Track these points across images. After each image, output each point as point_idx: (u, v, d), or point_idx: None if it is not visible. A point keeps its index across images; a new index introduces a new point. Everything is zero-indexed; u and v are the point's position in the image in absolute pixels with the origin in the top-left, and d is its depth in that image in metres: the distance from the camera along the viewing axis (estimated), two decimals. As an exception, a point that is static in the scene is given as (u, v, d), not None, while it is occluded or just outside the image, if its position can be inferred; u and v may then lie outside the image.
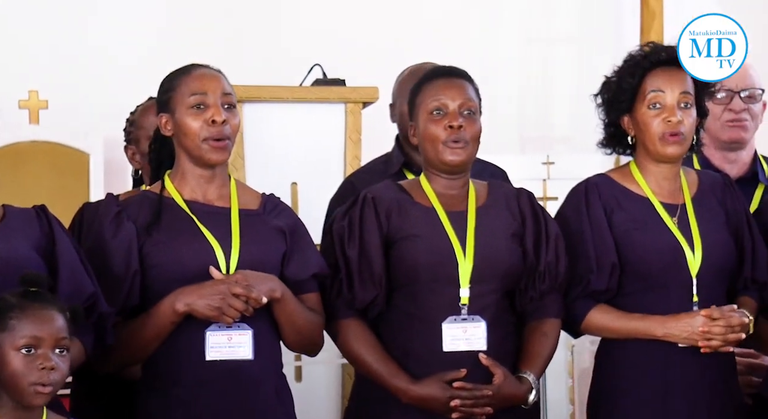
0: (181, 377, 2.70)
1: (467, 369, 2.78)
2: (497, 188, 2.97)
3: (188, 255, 2.71)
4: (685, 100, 2.91)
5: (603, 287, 2.90)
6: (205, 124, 2.74)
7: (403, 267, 2.83)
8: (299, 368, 4.05)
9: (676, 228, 2.92)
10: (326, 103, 4.17)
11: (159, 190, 2.80)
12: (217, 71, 2.82)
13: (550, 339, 2.90)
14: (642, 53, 2.96)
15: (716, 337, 2.82)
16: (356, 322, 2.85)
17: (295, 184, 4.09)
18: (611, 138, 3.02)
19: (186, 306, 2.65)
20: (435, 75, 2.92)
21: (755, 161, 3.43)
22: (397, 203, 2.87)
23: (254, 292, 2.66)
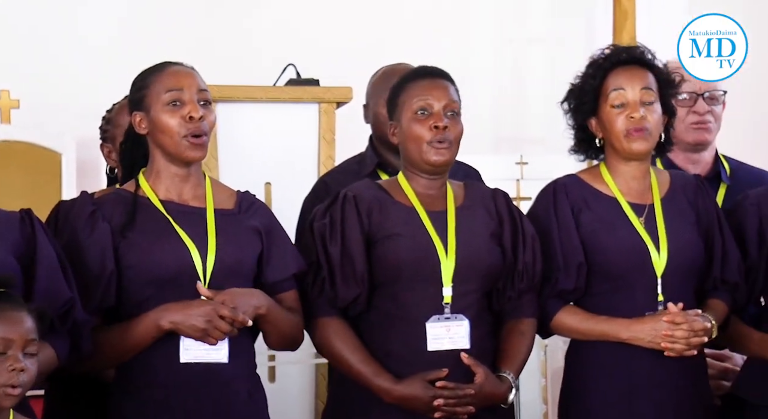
0: (154, 379, 2.69)
1: (449, 368, 2.78)
2: (474, 188, 2.98)
3: (164, 256, 2.69)
4: (647, 97, 2.93)
5: (571, 287, 2.92)
6: (183, 120, 2.72)
7: (385, 266, 2.82)
8: (272, 368, 4.04)
9: (643, 228, 2.93)
10: (300, 103, 4.16)
11: (133, 189, 2.78)
12: (191, 68, 2.81)
13: (527, 339, 2.92)
14: (603, 55, 2.98)
15: (679, 341, 2.84)
16: (337, 321, 2.84)
17: (268, 184, 4.08)
18: (581, 142, 3.04)
19: (171, 325, 2.65)
20: (418, 75, 2.92)
21: (717, 161, 3.46)
22: (378, 202, 2.87)
23: (240, 315, 2.66)
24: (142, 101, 2.77)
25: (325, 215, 2.85)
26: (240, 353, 2.73)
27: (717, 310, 2.95)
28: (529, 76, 5.98)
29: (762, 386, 2.99)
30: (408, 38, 5.46)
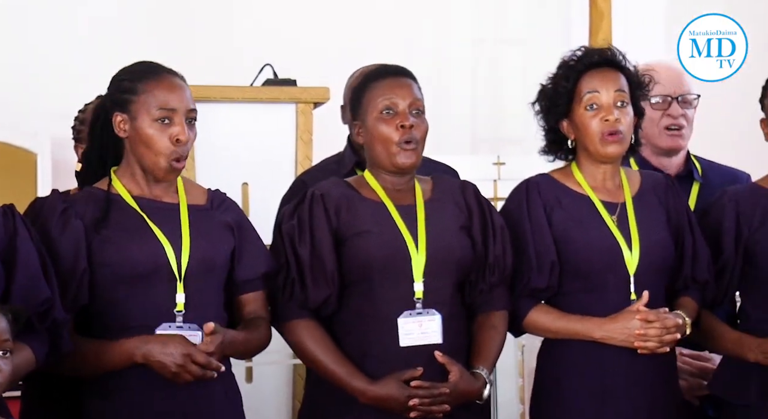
0: (129, 379, 2.68)
1: (423, 365, 2.78)
2: (442, 181, 2.98)
3: (138, 253, 2.69)
4: (621, 99, 2.95)
5: (543, 286, 2.93)
6: (170, 142, 2.71)
7: (356, 264, 2.82)
8: (250, 369, 4.04)
9: (615, 226, 2.95)
10: (277, 104, 4.16)
11: (106, 187, 2.77)
12: (182, 80, 2.78)
13: (499, 333, 2.92)
14: (575, 57, 2.99)
15: (652, 339, 2.86)
16: (310, 323, 2.84)
17: (246, 184, 4.08)
18: (552, 144, 3.05)
19: (144, 359, 2.64)
20: (381, 74, 2.92)
21: (688, 160, 3.49)
22: (346, 199, 2.86)
23: (215, 363, 2.66)
24: (127, 105, 2.74)
25: (293, 216, 2.85)
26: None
27: (688, 308, 2.97)
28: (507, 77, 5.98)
29: (738, 384, 3.01)
30: (386, 39, 5.46)
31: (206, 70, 4.48)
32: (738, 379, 3.01)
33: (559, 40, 5.67)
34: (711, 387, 3.11)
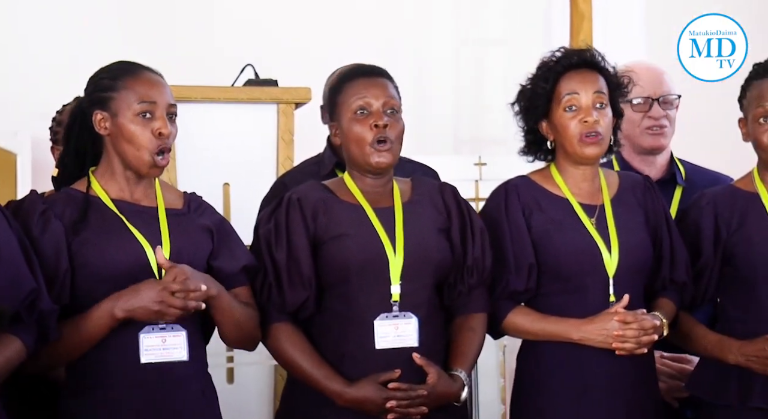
0: (106, 379, 2.68)
1: (401, 367, 2.78)
2: (421, 183, 2.98)
3: (118, 255, 2.68)
4: (600, 100, 2.95)
5: (521, 288, 2.94)
6: (152, 136, 2.71)
7: (333, 267, 2.82)
8: (231, 369, 4.02)
9: (594, 229, 2.96)
10: (258, 104, 4.15)
11: (84, 188, 2.76)
12: (161, 77, 2.79)
13: (478, 334, 2.93)
14: (554, 58, 2.99)
15: (630, 340, 2.86)
16: (288, 326, 2.84)
17: (227, 185, 4.07)
18: (531, 145, 3.05)
19: (124, 312, 2.63)
20: (355, 74, 2.92)
21: (671, 164, 3.49)
22: (323, 203, 2.86)
23: (191, 284, 2.63)
24: (108, 103, 2.74)
25: (270, 220, 2.84)
26: (194, 351, 2.72)
27: (666, 309, 2.98)
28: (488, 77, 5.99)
29: (718, 385, 3.02)
30: (367, 40, 5.46)
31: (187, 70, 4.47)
32: (718, 380, 3.02)
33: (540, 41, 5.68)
34: (690, 388, 3.12)
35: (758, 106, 3.01)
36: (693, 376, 3.13)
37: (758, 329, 2.97)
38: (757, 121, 3.02)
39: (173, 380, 2.69)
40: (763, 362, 2.93)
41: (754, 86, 3.04)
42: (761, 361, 2.93)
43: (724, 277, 3.06)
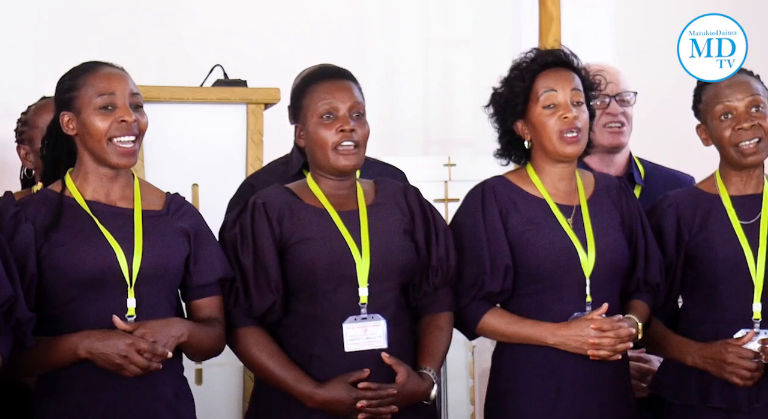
0: (78, 382, 2.66)
1: (370, 369, 2.79)
2: (384, 185, 2.98)
3: (89, 258, 2.67)
4: (577, 98, 2.97)
5: (497, 289, 2.94)
6: (115, 122, 2.70)
7: (300, 271, 2.82)
8: (200, 371, 4.01)
9: (571, 229, 2.97)
10: (227, 104, 4.14)
11: (59, 189, 2.75)
12: (122, 70, 2.79)
13: (445, 333, 2.94)
14: (528, 58, 3.01)
15: (605, 348, 2.87)
16: (255, 330, 2.83)
17: (196, 185, 4.05)
18: (507, 146, 3.06)
19: (87, 354, 2.62)
20: (321, 76, 2.92)
21: (630, 163, 3.52)
22: (288, 207, 2.86)
23: (159, 348, 2.63)
24: (71, 102, 2.74)
25: (235, 225, 2.83)
26: (166, 354, 2.71)
27: (641, 311, 3.00)
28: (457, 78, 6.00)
29: (679, 386, 3.04)
30: (336, 40, 5.45)
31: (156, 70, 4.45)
32: (679, 380, 3.05)
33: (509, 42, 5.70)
34: (654, 388, 3.14)
35: (717, 103, 3.04)
36: (656, 376, 3.16)
37: (719, 330, 3.00)
38: (718, 119, 3.05)
39: (144, 383, 2.68)
40: (719, 365, 2.95)
41: (709, 89, 3.08)
42: (717, 364, 2.95)
43: (686, 279, 3.09)
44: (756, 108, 3.02)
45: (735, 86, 3.04)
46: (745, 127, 3.00)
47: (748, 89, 3.04)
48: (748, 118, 3.01)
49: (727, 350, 2.94)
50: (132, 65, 2.85)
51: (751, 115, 3.01)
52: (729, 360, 2.93)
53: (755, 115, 3.02)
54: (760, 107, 3.03)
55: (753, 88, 3.05)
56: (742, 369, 2.92)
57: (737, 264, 3.00)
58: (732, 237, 3.02)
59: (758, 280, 2.98)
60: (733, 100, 3.02)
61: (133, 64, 2.87)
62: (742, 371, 2.93)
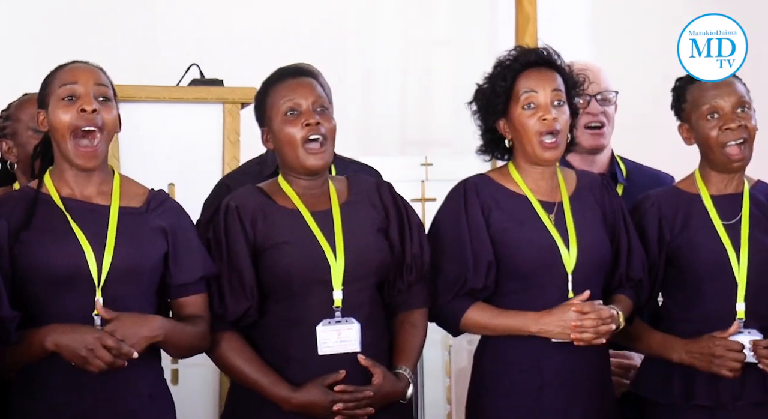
0: (55, 379, 2.65)
1: (346, 370, 2.78)
2: (357, 182, 2.97)
3: (58, 257, 2.65)
4: (557, 98, 2.97)
5: (480, 286, 2.94)
6: (76, 113, 2.67)
7: (275, 276, 2.81)
8: (176, 371, 4.00)
9: (553, 226, 2.97)
10: (204, 104, 4.13)
11: (36, 186, 2.74)
12: (96, 66, 2.77)
13: (419, 330, 2.94)
14: (511, 57, 3.01)
15: (588, 330, 2.88)
16: (231, 335, 2.82)
17: (172, 185, 4.04)
18: (489, 144, 3.06)
19: (54, 346, 2.60)
20: (280, 76, 2.91)
21: (612, 162, 3.53)
22: (262, 210, 2.84)
23: (125, 348, 2.61)
24: (44, 100, 2.73)
25: (209, 229, 2.82)
26: (141, 355, 2.68)
27: (623, 304, 3.01)
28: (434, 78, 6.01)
29: (661, 384, 3.05)
30: (313, 39, 5.45)
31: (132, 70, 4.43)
32: (662, 379, 3.06)
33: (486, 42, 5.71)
34: (635, 387, 3.15)
35: (703, 104, 3.05)
36: (638, 376, 3.17)
37: (702, 329, 3.01)
38: (705, 118, 3.06)
39: (117, 383, 2.66)
40: (707, 359, 2.96)
41: (693, 89, 3.09)
42: (705, 359, 2.96)
43: (668, 278, 3.10)
44: (742, 108, 3.04)
45: (721, 86, 3.06)
46: (732, 127, 3.02)
47: (734, 90, 3.05)
48: (735, 118, 3.02)
49: (715, 343, 2.95)
50: (109, 65, 2.84)
51: (737, 115, 3.03)
52: (717, 353, 2.95)
53: (741, 115, 3.03)
54: (746, 107, 3.05)
55: (738, 89, 3.07)
56: (731, 360, 2.94)
57: (720, 264, 3.01)
58: (714, 237, 3.03)
59: (741, 280, 3.00)
60: (720, 100, 3.04)
61: (109, 63, 2.86)
62: (731, 363, 2.94)
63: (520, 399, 2.93)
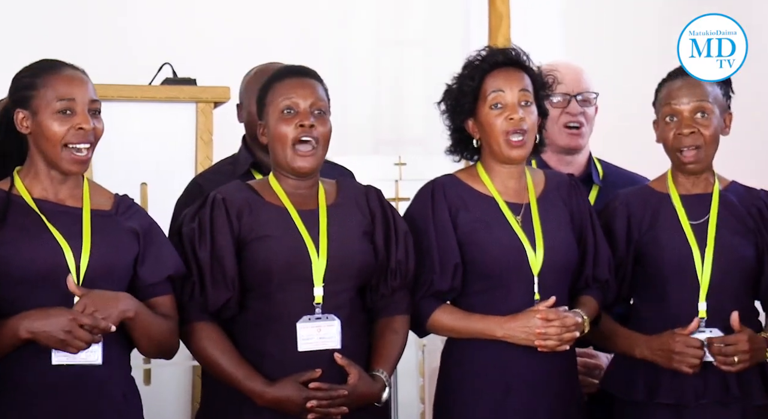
0: (24, 380, 2.63)
1: (322, 369, 2.78)
2: (346, 186, 2.98)
3: (36, 255, 2.64)
4: (525, 98, 2.98)
5: (446, 287, 2.95)
6: (72, 129, 2.68)
7: (256, 268, 2.81)
8: (148, 371, 3.99)
9: (519, 227, 2.98)
10: (177, 103, 4.12)
11: (7, 187, 2.72)
12: (83, 73, 2.77)
13: (400, 336, 2.94)
14: (479, 57, 3.02)
15: (552, 337, 2.89)
16: (209, 325, 2.82)
17: (144, 184, 4.03)
18: (458, 144, 3.07)
19: (29, 333, 2.59)
20: (285, 74, 2.92)
21: (589, 163, 3.53)
22: (248, 204, 2.85)
23: (101, 322, 2.60)
24: (29, 101, 2.71)
25: (194, 219, 2.82)
26: (114, 355, 2.69)
27: (589, 306, 3.02)
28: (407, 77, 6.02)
29: (627, 382, 3.06)
30: (286, 38, 5.45)
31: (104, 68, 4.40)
32: (628, 376, 3.07)
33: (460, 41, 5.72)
34: (603, 384, 3.16)
35: (665, 104, 3.07)
36: (606, 373, 3.18)
37: (668, 327, 3.02)
38: (663, 120, 3.07)
39: (92, 383, 2.65)
40: (668, 355, 2.98)
41: (665, 87, 3.10)
42: (665, 355, 2.98)
43: (636, 276, 3.11)
44: (702, 114, 3.04)
45: (686, 89, 3.05)
46: (685, 132, 3.02)
47: (698, 93, 3.05)
48: (691, 124, 3.03)
49: (675, 340, 2.97)
50: (80, 63, 2.82)
51: (694, 120, 3.03)
52: (677, 349, 2.96)
53: (699, 121, 3.03)
54: (706, 113, 3.04)
55: (704, 92, 3.05)
56: (690, 357, 2.95)
57: (684, 264, 3.02)
58: (681, 237, 3.04)
59: (704, 279, 3.01)
60: (680, 103, 3.04)
61: (81, 62, 2.85)
62: (690, 359, 2.95)
63: (486, 401, 2.94)
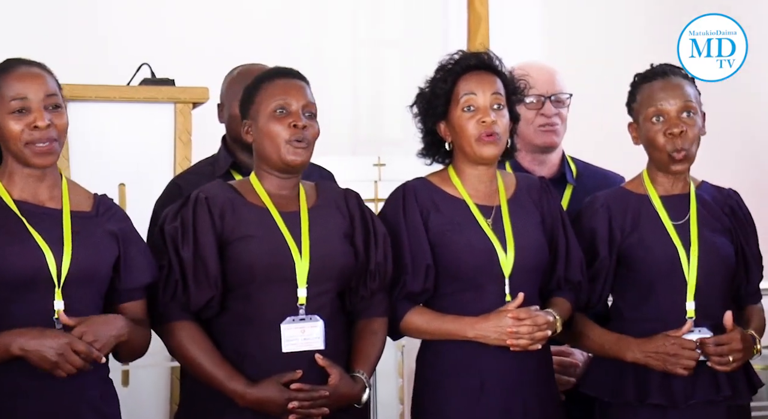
0: (3, 386, 2.63)
1: (303, 370, 2.78)
2: (326, 189, 2.99)
3: (17, 259, 2.63)
4: (497, 102, 2.99)
5: (418, 289, 2.96)
6: (27, 128, 2.67)
7: (239, 268, 2.81)
8: (126, 372, 3.97)
9: (490, 229, 2.99)
10: (155, 103, 4.11)
11: None
12: (41, 67, 2.74)
13: (379, 338, 2.95)
14: (452, 61, 3.03)
15: (524, 336, 2.90)
16: (190, 325, 2.82)
17: (123, 185, 4.01)
18: (430, 147, 3.08)
19: (21, 351, 2.58)
20: (275, 74, 2.93)
21: (563, 163, 3.55)
22: (231, 203, 2.85)
23: (95, 353, 2.61)
24: None
25: (176, 218, 2.82)
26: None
27: (561, 307, 3.03)
28: (386, 78, 6.02)
29: (614, 384, 3.07)
30: (264, 39, 5.44)
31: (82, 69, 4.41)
32: (614, 379, 3.07)
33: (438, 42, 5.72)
34: (587, 388, 3.16)
35: (650, 106, 3.08)
36: (588, 376, 3.18)
37: (656, 328, 3.03)
38: (650, 120, 3.09)
39: (68, 386, 2.64)
40: (662, 358, 2.99)
41: (644, 89, 3.11)
42: (660, 357, 2.99)
43: (619, 278, 3.12)
44: (687, 113, 3.06)
45: (669, 89, 3.08)
46: (675, 132, 3.04)
47: (682, 94, 3.07)
48: (679, 123, 3.05)
49: (670, 342, 2.98)
50: (57, 63, 2.81)
51: (681, 120, 3.05)
52: (672, 352, 2.97)
53: (686, 120, 3.06)
54: (691, 112, 3.06)
55: (686, 93, 3.08)
56: (686, 359, 2.97)
57: (672, 264, 3.04)
58: (665, 237, 3.06)
59: (691, 279, 3.03)
60: (666, 104, 3.06)
61: (58, 62, 2.84)
62: (685, 361, 2.97)
63: (461, 400, 2.95)
